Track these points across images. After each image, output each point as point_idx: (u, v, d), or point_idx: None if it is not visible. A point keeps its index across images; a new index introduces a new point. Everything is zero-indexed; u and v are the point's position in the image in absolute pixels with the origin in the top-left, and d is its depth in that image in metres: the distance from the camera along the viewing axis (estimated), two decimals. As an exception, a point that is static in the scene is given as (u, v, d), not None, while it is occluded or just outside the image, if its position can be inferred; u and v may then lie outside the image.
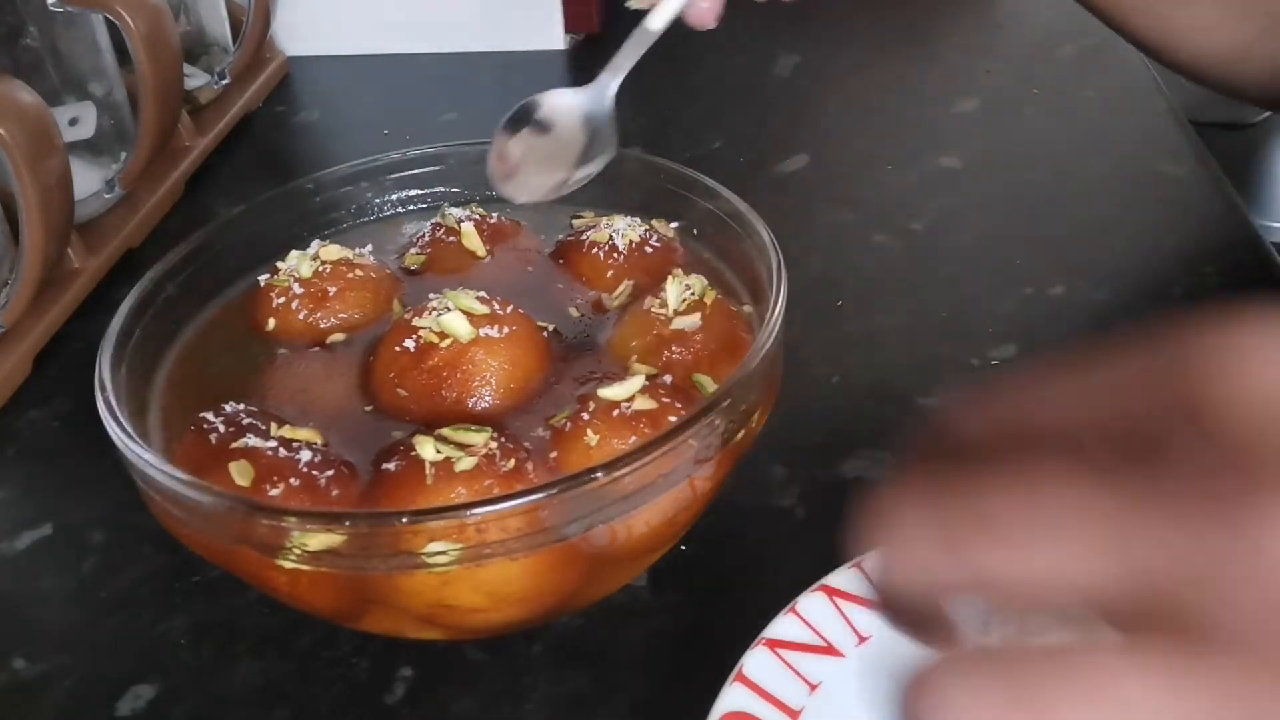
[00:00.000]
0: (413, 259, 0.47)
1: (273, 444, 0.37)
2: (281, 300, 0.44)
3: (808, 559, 0.40)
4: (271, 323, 0.44)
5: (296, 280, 0.44)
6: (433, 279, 0.46)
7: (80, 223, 0.62)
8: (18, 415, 0.54)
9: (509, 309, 0.41)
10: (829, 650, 0.37)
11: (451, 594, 0.36)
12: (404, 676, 0.41)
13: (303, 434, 0.38)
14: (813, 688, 0.36)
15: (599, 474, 0.34)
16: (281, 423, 0.39)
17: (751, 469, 0.47)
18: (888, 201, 0.65)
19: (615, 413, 0.37)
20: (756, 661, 0.36)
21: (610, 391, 0.38)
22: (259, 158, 0.76)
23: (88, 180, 0.63)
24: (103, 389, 0.40)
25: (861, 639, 0.38)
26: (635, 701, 0.39)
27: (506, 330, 0.40)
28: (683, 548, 0.44)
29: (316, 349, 0.43)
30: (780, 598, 0.38)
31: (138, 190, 0.67)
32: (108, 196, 0.65)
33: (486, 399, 0.39)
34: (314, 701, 0.40)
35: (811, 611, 0.38)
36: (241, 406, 0.39)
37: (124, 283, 0.63)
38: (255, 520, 0.34)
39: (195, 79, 0.74)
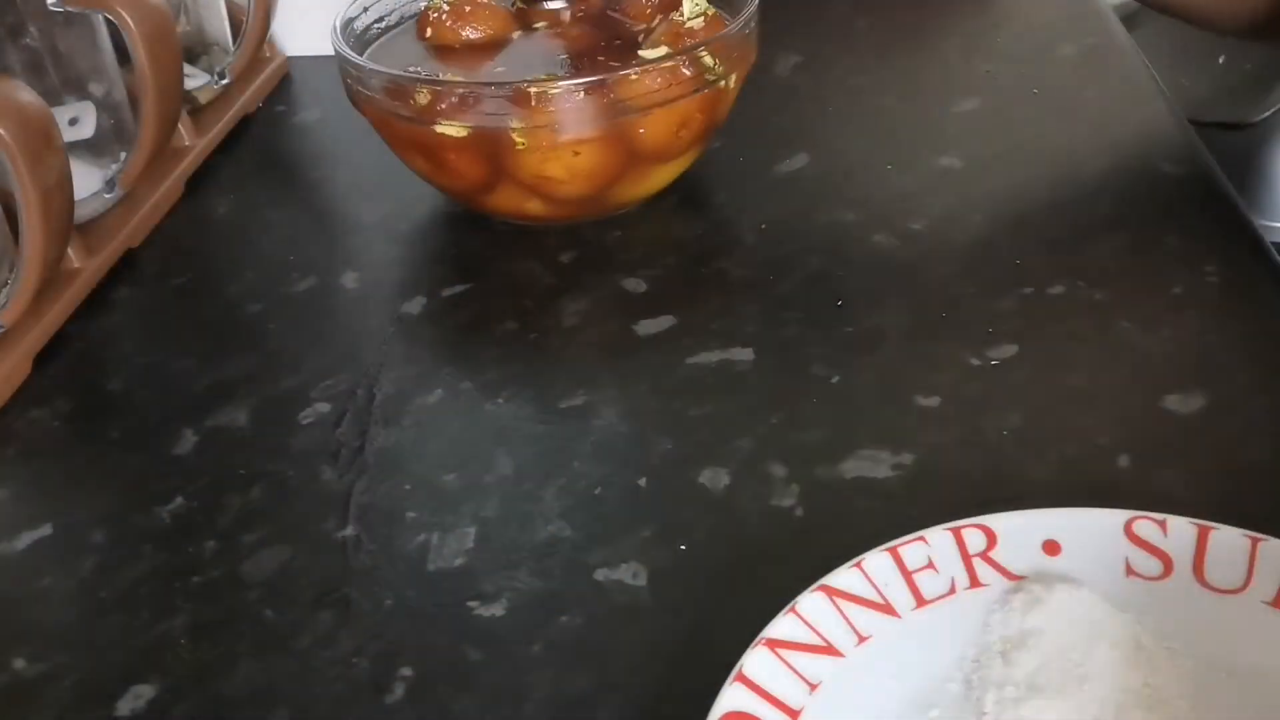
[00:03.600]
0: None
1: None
2: (435, 16, 0.66)
3: (808, 559, 0.40)
4: (430, 31, 0.66)
5: (446, 3, 0.66)
6: (535, 15, 0.69)
7: (80, 223, 0.62)
8: (18, 415, 0.54)
9: None
10: (829, 650, 0.37)
11: (547, 168, 0.58)
12: (404, 676, 0.41)
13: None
14: (813, 687, 0.36)
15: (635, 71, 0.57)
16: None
17: (751, 469, 0.47)
18: (888, 201, 0.65)
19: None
20: (756, 661, 0.36)
21: (646, 53, 0.61)
22: (259, 158, 0.76)
23: (88, 180, 0.63)
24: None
25: (862, 639, 0.38)
26: (635, 701, 0.39)
27: None
28: (682, 547, 0.44)
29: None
30: (780, 598, 0.38)
31: (138, 190, 0.67)
32: (108, 196, 0.65)
33: None
34: (314, 701, 0.40)
35: (811, 611, 0.38)
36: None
37: (124, 283, 0.63)
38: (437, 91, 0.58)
39: (195, 79, 0.74)
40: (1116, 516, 0.40)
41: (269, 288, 0.62)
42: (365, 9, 0.67)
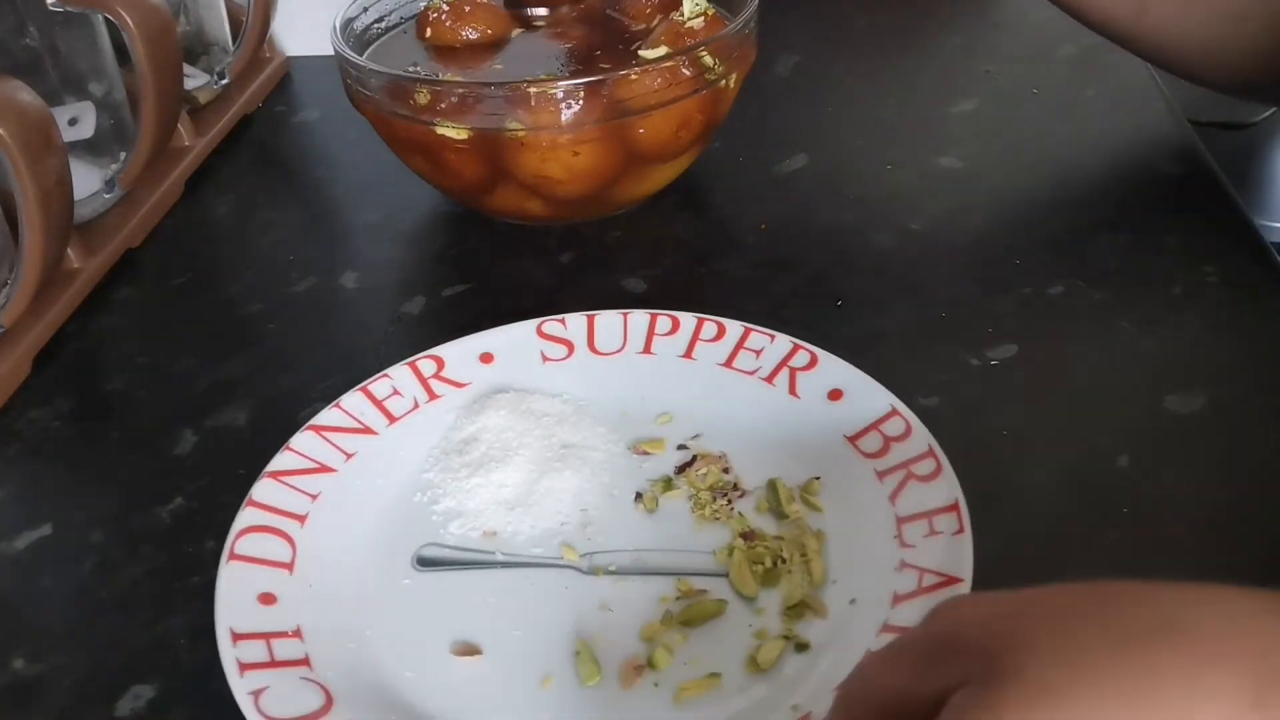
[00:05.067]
0: None
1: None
2: (435, 16, 0.66)
3: (808, 559, 0.40)
4: (429, 31, 0.66)
5: (446, 3, 0.66)
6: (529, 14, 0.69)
7: (80, 223, 0.62)
8: (18, 415, 0.54)
9: None
10: (323, 469, 0.46)
11: (547, 168, 0.58)
12: (404, 676, 0.41)
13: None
14: (313, 497, 0.45)
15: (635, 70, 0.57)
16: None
17: (751, 469, 0.47)
18: (888, 201, 0.65)
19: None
20: (262, 489, 0.45)
21: (646, 53, 0.60)
22: (259, 158, 0.76)
23: (87, 180, 0.63)
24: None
25: (349, 456, 0.47)
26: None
27: None
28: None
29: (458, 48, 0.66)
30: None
31: (137, 190, 0.67)
32: (107, 196, 0.65)
33: None
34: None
35: (303, 445, 0.47)
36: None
37: (124, 283, 0.63)
38: (436, 90, 0.58)
39: (195, 79, 0.75)
40: (529, 324, 0.52)
41: (269, 288, 0.62)
42: (365, 9, 0.67)
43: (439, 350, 0.52)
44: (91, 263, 0.62)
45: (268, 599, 0.41)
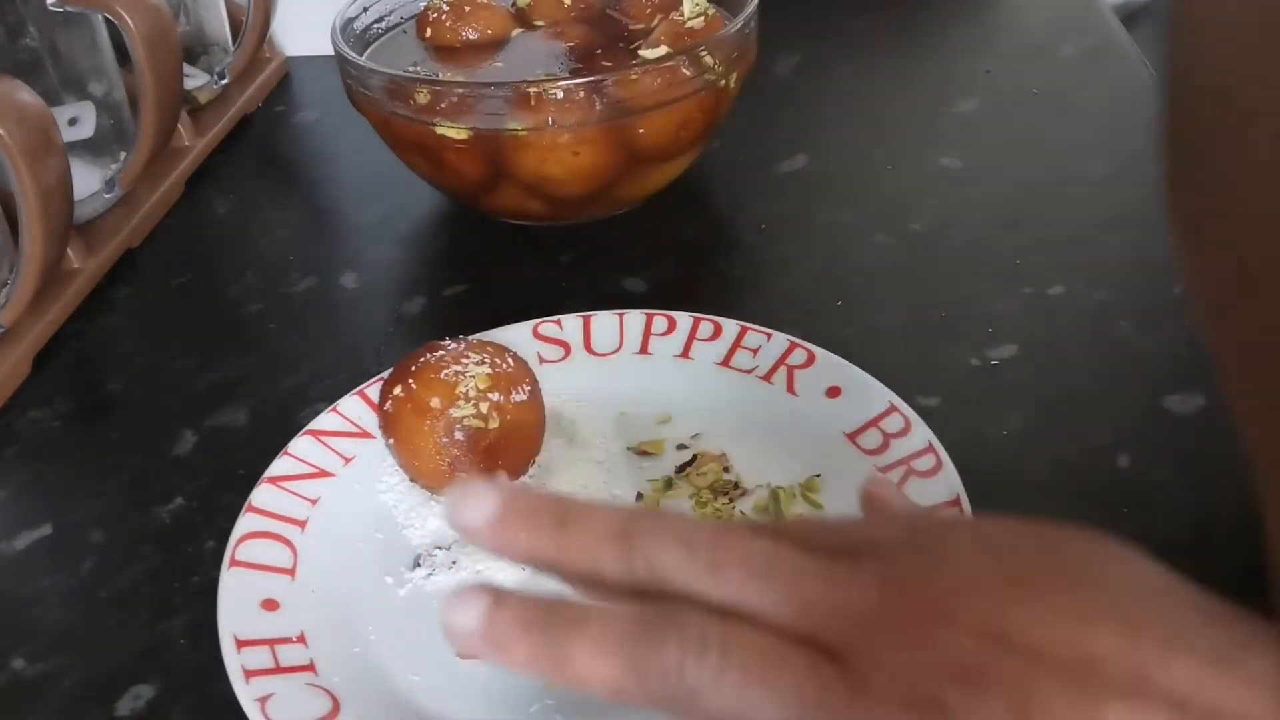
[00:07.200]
0: (524, 1, 0.70)
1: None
2: (435, 16, 0.67)
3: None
4: (429, 31, 0.67)
5: (446, 3, 0.67)
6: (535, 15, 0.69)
7: (80, 223, 0.62)
8: (18, 415, 0.54)
9: None
10: (322, 474, 0.46)
11: (547, 168, 0.58)
12: (404, 676, 0.41)
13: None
14: (313, 502, 0.45)
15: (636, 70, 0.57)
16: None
17: (751, 469, 0.47)
18: (888, 201, 0.65)
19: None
20: (262, 495, 0.45)
21: (646, 53, 0.60)
22: (259, 158, 0.76)
23: (87, 180, 0.63)
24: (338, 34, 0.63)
25: (347, 460, 0.47)
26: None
27: None
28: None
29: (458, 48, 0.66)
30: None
31: (137, 190, 0.67)
32: (107, 196, 0.65)
33: None
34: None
35: (301, 450, 0.47)
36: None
37: (124, 283, 0.63)
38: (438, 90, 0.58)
39: (195, 79, 0.75)
40: (524, 326, 0.53)
41: (269, 288, 0.62)
42: (365, 9, 0.67)
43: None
44: (91, 263, 0.62)
45: (270, 605, 0.41)
